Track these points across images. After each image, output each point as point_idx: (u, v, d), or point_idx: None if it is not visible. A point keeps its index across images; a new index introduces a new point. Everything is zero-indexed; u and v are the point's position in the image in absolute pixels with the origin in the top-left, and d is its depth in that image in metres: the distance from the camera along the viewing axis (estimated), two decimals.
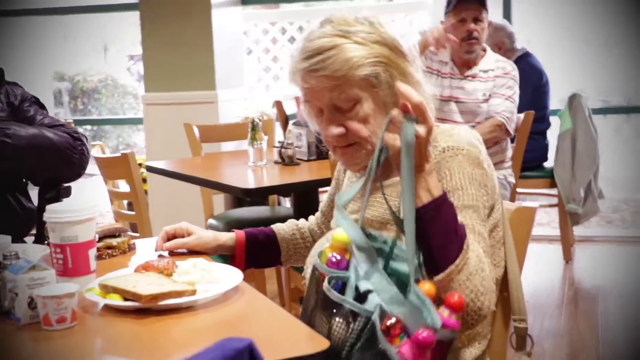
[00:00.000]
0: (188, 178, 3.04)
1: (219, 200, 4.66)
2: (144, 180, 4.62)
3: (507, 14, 4.94)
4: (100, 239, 1.88)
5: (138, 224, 3.09)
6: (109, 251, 1.89)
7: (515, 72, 3.53)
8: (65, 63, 9.33)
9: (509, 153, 3.64)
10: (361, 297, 1.28)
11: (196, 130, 3.93)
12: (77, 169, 2.35)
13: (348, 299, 1.27)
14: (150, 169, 3.41)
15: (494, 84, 3.49)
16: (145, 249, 1.93)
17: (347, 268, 1.33)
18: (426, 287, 1.24)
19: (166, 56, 4.87)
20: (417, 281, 1.25)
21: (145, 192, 4.80)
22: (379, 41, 1.52)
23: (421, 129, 1.25)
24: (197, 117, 4.47)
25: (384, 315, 1.23)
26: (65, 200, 1.73)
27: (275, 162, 3.31)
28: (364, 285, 1.28)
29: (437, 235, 1.29)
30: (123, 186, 3.36)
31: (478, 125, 3.44)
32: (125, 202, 4.00)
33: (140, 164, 4.79)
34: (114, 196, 3.26)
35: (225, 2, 5.00)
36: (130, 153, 2.93)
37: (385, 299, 1.25)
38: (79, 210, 1.61)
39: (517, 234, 1.63)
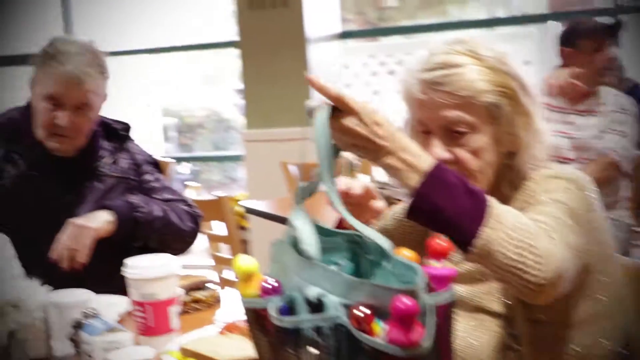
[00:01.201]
0: (279, 219, 2.95)
1: None
2: (243, 217, 4.59)
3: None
4: (187, 292, 1.81)
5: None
6: (195, 305, 1.82)
7: (632, 108, 3.28)
8: (172, 99, 9.54)
9: (625, 193, 3.39)
10: (317, 307, 1.05)
11: (294, 168, 3.87)
12: (187, 249, 2.26)
13: (303, 317, 1.04)
14: (246, 209, 3.35)
15: (609, 119, 3.26)
16: (232, 301, 1.85)
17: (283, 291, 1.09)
18: (407, 254, 1.06)
19: (265, 92, 4.85)
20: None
21: (244, 228, 4.77)
22: (508, 73, 1.39)
23: (349, 120, 1.16)
24: (296, 154, 4.41)
25: (349, 310, 1.00)
26: (145, 255, 1.67)
27: None
28: (312, 292, 1.05)
29: (447, 206, 1.15)
30: (217, 225, 3.31)
31: (590, 163, 3.22)
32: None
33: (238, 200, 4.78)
34: (211, 239, 3.22)
35: (323, 37, 4.96)
36: (223, 197, 2.88)
37: (341, 291, 1.03)
38: (159, 266, 1.54)
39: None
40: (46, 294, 1.43)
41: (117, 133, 2.18)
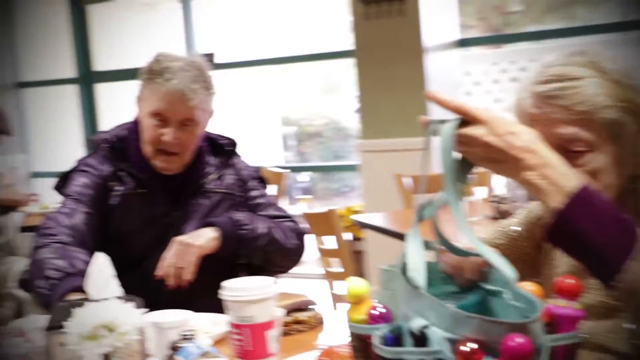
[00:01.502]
0: (392, 233, 2.88)
1: None
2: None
3: None
4: (288, 313, 1.77)
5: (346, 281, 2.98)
6: (297, 326, 1.77)
7: None
8: (291, 108, 9.64)
9: None
10: (420, 339, 0.99)
11: (409, 181, 3.78)
12: (292, 266, 2.23)
13: (405, 349, 0.98)
14: (359, 224, 3.29)
15: None
16: (336, 324, 1.79)
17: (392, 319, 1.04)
18: (529, 287, 0.98)
19: (381, 102, 4.79)
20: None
21: (359, 239, 4.72)
22: (634, 87, 1.27)
23: (478, 130, 1.06)
24: (412, 166, 4.31)
25: (455, 346, 0.94)
26: (243, 277, 1.64)
27: (491, 218, 3.06)
28: (415, 324, 0.98)
29: (592, 232, 1.04)
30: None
31: None
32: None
33: (355, 211, 4.73)
34: (322, 253, 3.18)
35: (441, 45, 4.84)
36: (332, 210, 2.84)
37: (447, 324, 0.96)
38: (257, 288, 1.50)
39: None
40: (144, 315, 1.42)
41: (223, 149, 2.16)
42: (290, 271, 2.21)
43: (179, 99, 1.94)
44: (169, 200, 2.05)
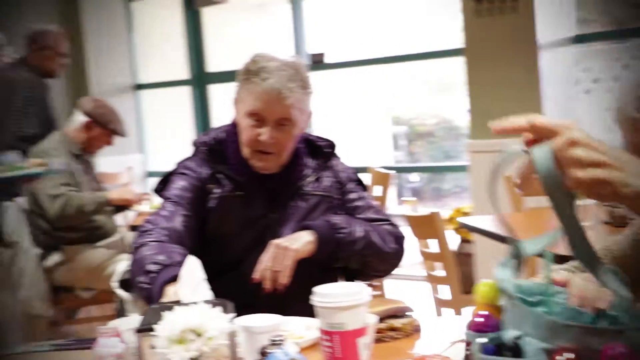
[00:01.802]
0: (496, 236, 2.78)
1: None
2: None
3: None
4: (383, 319, 1.73)
5: (450, 286, 2.91)
6: (392, 333, 1.73)
7: None
8: (402, 107, 9.56)
9: None
10: (515, 350, 0.94)
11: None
12: (390, 271, 2.18)
13: (501, 359, 0.94)
14: (465, 227, 3.21)
15: None
16: (433, 331, 1.74)
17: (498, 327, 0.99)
18: None
19: (491, 101, 4.67)
20: None
21: (468, 241, 4.61)
22: None
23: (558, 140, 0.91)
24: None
25: (551, 356, 0.89)
26: (335, 283, 1.61)
27: (605, 223, 2.92)
28: (509, 334, 0.94)
29: None
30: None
31: None
32: None
33: (465, 212, 4.62)
34: (425, 256, 3.12)
35: (555, 42, 4.67)
36: (435, 213, 2.78)
37: (543, 334, 0.91)
38: (347, 295, 1.47)
39: None
40: (234, 319, 1.41)
41: (322, 150, 2.15)
42: (393, 273, 2.17)
43: (275, 98, 1.94)
44: (266, 203, 2.04)
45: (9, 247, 3.78)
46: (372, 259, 2.04)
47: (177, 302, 1.38)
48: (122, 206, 3.99)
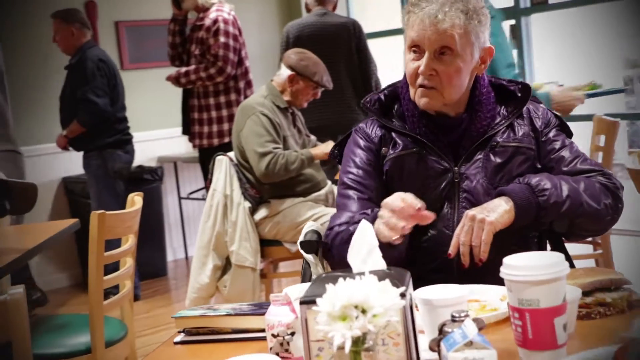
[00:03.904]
0: None
1: None
2: None
3: None
4: (589, 293, 1.50)
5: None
6: (601, 309, 1.49)
7: None
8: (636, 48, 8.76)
9: None
10: None
11: None
12: (604, 230, 1.91)
13: None
14: None
15: None
16: None
17: None
18: None
19: None
20: None
21: None
22: None
23: None
24: None
25: None
26: (527, 253, 1.39)
27: None
28: None
29: None
30: None
31: None
32: None
33: None
34: None
35: None
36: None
37: None
38: (544, 267, 1.26)
39: None
40: (409, 291, 1.26)
41: (515, 95, 1.90)
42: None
43: (430, 24, 1.75)
44: (449, 157, 1.85)
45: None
46: (581, 220, 1.78)
47: (344, 274, 1.24)
48: (327, 161, 3.94)
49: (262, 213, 3.86)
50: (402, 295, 1.18)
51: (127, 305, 2.88)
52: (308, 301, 1.22)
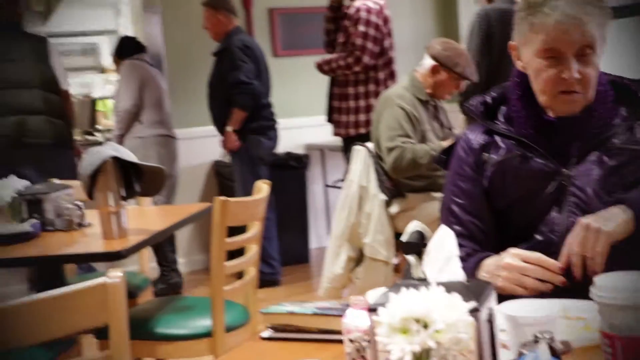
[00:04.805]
0: None
1: None
2: None
3: None
4: None
5: None
6: None
7: None
8: None
9: None
10: None
11: None
12: None
13: None
14: None
15: None
16: None
17: None
18: None
19: None
20: None
21: None
22: None
23: None
24: None
25: None
26: (621, 273, 1.24)
27: None
28: None
29: None
30: None
31: None
32: None
33: None
34: None
35: None
36: None
37: None
38: (637, 289, 1.13)
39: None
40: (485, 306, 1.16)
41: (635, 94, 1.73)
42: None
43: (573, 26, 1.61)
44: (557, 159, 1.71)
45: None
46: None
47: (414, 282, 1.17)
48: None
49: (397, 206, 3.80)
50: (474, 310, 1.09)
51: (250, 291, 2.92)
52: (374, 309, 1.16)
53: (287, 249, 5.36)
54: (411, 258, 1.82)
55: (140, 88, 4.99)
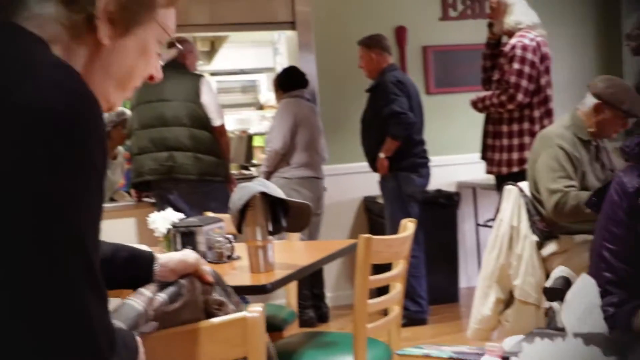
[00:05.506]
0: None
1: None
2: None
3: None
4: None
5: None
6: None
7: None
8: None
9: None
10: None
11: None
12: None
13: None
14: None
15: None
16: None
17: None
18: None
19: None
20: None
21: None
22: None
23: None
24: None
25: None
26: None
27: None
28: None
29: None
30: None
31: None
32: None
33: None
34: None
35: None
36: None
37: None
38: None
39: None
40: None
41: None
42: None
43: None
44: None
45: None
46: None
47: (551, 332, 1.12)
48: None
49: (550, 248, 3.66)
50: None
51: (394, 329, 2.89)
52: (506, 357, 1.12)
53: (437, 287, 5.30)
54: (555, 305, 1.75)
55: (293, 129, 5.06)
